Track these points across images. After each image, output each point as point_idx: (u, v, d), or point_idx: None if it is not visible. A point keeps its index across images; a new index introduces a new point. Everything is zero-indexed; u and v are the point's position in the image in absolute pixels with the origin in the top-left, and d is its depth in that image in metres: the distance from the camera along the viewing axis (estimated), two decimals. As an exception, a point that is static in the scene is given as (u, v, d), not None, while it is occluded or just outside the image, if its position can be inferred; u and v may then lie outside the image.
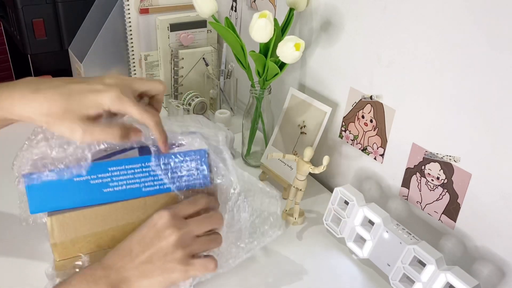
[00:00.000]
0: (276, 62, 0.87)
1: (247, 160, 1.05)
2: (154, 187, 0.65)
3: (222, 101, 1.20)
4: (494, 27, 0.62)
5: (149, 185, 0.65)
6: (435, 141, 0.75)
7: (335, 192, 0.80)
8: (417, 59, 0.74)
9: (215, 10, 0.90)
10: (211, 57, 1.24)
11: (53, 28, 1.37)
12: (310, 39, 0.97)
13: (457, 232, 0.75)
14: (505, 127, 0.64)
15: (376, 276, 0.77)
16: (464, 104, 0.69)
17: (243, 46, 0.90)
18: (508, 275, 0.69)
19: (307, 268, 0.78)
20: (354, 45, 0.86)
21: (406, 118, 0.79)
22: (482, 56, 0.65)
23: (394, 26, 0.77)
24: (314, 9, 0.93)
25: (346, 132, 0.93)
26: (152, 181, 0.65)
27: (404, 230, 0.72)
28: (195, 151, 0.66)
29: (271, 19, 0.83)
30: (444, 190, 0.75)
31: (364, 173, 0.91)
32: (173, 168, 0.65)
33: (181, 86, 1.24)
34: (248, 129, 1.01)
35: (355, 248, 0.79)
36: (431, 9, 0.70)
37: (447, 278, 0.64)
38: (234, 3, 1.21)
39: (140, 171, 0.64)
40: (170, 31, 1.20)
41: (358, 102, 0.88)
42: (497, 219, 0.69)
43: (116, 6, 1.19)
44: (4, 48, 2.16)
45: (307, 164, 0.82)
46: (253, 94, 0.96)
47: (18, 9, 1.30)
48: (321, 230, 0.86)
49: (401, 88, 0.79)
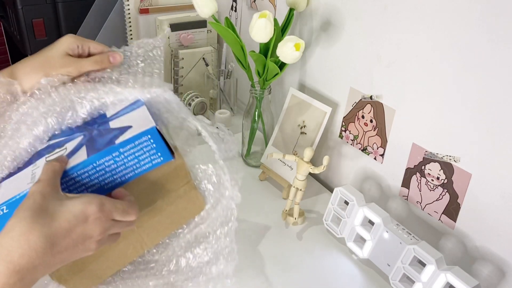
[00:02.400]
0: (276, 62, 0.87)
1: (247, 160, 1.05)
2: (115, 181, 0.61)
3: (222, 101, 1.20)
4: (494, 28, 0.62)
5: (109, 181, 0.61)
6: (435, 141, 0.75)
7: (335, 192, 0.80)
8: (417, 59, 0.74)
9: (215, 10, 0.90)
10: (211, 57, 1.24)
11: (53, 28, 1.37)
12: (310, 39, 0.97)
13: (457, 232, 0.75)
14: (505, 127, 0.64)
15: (376, 276, 0.77)
16: (464, 104, 0.69)
17: (243, 46, 0.90)
18: (508, 275, 0.69)
19: (307, 268, 0.78)
20: (354, 45, 0.86)
21: (406, 118, 0.79)
22: (482, 56, 0.65)
23: (394, 26, 0.77)
24: (314, 9, 0.93)
25: (346, 132, 0.93)
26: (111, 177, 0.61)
27: (404, 230, 0.72)
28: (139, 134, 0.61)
29: (271, 19, 0.83)
30: (444, 190, 0.75)
31: (364, 173, 0.91)
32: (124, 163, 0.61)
33: (181, 86, 1.24)
34: (248, 129, 1.01)
35: (355, 248, 0.79)
36: (431, 9, 0.70)
37: (447, 278, 0.64)
38: (234, 3, 1.21)
39: (94, 171, 0.60)
40: (170, 31, 1.20)
41: (358, 102, 0.88)
42: (497, 219, 0.69)
43: (116, 6, 1.19)
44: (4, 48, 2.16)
45: (307, 164, 0.82)
46: (253, 94, 0.96)
47: (18, 9, 1.30)
48: (321, 230, 0.86)
49: (401, 88, 0.79)
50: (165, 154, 0.62)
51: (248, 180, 1.00)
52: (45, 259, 0.49)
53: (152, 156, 0.62)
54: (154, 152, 0.62)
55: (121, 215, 0.55)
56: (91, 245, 0.53)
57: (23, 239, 0.47)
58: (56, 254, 0.50)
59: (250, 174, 1.02)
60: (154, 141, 0.61)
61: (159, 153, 0.62)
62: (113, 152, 0.59)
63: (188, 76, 1.23)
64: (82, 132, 0.64)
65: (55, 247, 0.49)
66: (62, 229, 0.50)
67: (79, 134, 0.64)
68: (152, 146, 0.61)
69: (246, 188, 0.97)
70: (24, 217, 0.48)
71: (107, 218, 0.53)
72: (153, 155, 0.62)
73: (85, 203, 0.52)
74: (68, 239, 0.50)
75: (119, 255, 0.66)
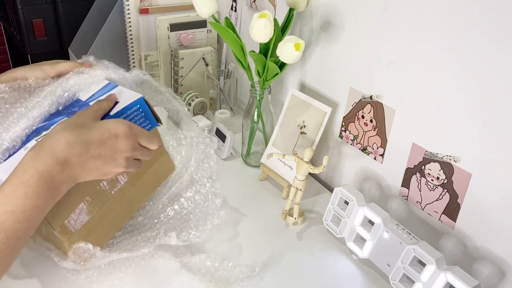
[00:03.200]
0: (276, 62, 0.87)
1: (247, 160, 1.05)
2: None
3: (222, 101, 1.20)
4: (494, 27, 0.62)
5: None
6: (435, 141, 0.75)
7: (335, 192, 0.80)
8: (417, 59, 0.74)
9: (215, 10, 0.90)
10: (211, 57, 1.24)
11: (53, 28, 1.37)
12: (310, 39, 0.97)
13: (457, 232, 0.75)
14: (505, 127, 0.64)
15: (376, 276, 0.77)
16: (464, 104, 0.69)
17: (243, 46, 0.90)
18: (508, 275, 0.69)
19: (307, 268, 0.78)
20: (354, 45, 0.86)
21: (406, 118, 0.79)
22: (482, 56, 0.65)
23: (394, 26, 0.77)
24: (314, 9, 0.93)
25: (346, 132, 0.93)
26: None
27: (404, 230, 0.72)
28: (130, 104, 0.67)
29: (271, 19, 0.83)
30: (444, 190, 0.75)
31: (364, 173, 0.91)
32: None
33: (181, 86, 1.24)
34: (248, 129, 1.01)
35: (355, 248, 0.79)
36: (431, 9, 0.70)
37: (447, 278, 0.64)
38: (234, 3, 1.21)
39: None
40: (170, 31, 1.20)
41: (358, 102, 0.88)
42: (497, 219, 0.69)
43: (116, 6, 1.19)
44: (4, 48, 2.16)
45: (307, 164, 0.82)
46: (253, 94, 0.96)
47: (18, 9, 1.30)
48: (321, 230, 0.86)
49: (401, 88, 0.79)
50: (152, 121, 0.70)
51: (248, 180, 1.00)
52: (81, 160, 0.58)
53: (142, 124, 0.69)
54: (143, 120, 0.69)
55: (146, 141, 0.64)
56: (120, 160, 0.62)
57: (64, 140, 0.58)
58: (90, 159, 0.59)
59: (250, 174, 1.02)
60: (143, 110, 0.68)
61: (147, 121, 0.69)
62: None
63: (188, 76, 1.24)
64: (64, 115, 0.68)
65: (89, 152, 0.59)
66: (96, 138, 0.59)
67: (62, 116, 0.68)
68: (141, 115, 0.68)
69: (246, 188, 0.98)
70: (67, 126, 0.59)
71: (134, 139, 0.62)
72: (142, 123, 0.69)
73: (117, 122, 0.62)
74: (101, 148, 0.60)
75: (117, 218, 0.75)
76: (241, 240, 0.82)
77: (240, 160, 1.06)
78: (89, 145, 0.59)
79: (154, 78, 1.28)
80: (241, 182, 0.99)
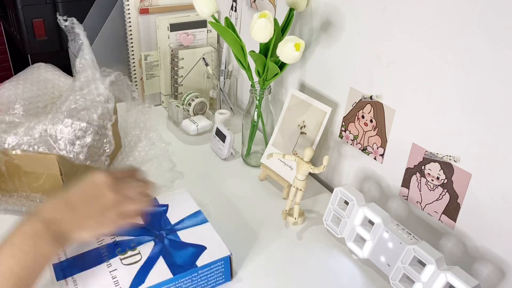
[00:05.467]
0: (276, 62, 0.87)
1: (247, 160, 1.05)
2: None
3: (222, 101, 1.20)
4: (494, 27, 0.62)
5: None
6: (435, 141, 0.75)
7: (335, 192, 0.80)
8: (417, 59, 0.74)
9: (215, 10, 0.90)
10: (211, 57, 1.24)
11: (53, 28, 1.37)
12: (310, 39, 0.97)
13: (457, 232, 0.75)
14: (505, 127, 0.64)
15: (376, 276, 0.77)
16: (464, 104, 0.69)
17: (243, 46, 0.90)
18: (508, 275, 0.69)
19: (307, 268, 0.78)
20: (354, 45, 0.86)
21: (406, 118, 0.79)
22: (482, 56, 0.64)
23: (394, 26, 0.77)
24: (314, 9, 0.93)
25: (346, 132, 0.93)
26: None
27: (404, 230, 0.72)
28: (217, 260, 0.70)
29: (271, 19, 0.83)
30: (444, 190, 0.75)
31: (364, 173, 0.91)
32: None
33: (181, 86, 1.24)
34: (248, 129, 1.01)
35: (355, 248, 0.79)
36: (431, 9, 0.70)
37: (447, 278, 0.64)
38: (234, 3, 1.21)
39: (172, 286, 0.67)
40: (170, 31, 1.20)
41: (358, 102, 0.88)
42: (497, 219, 0.69)
43: (116, 6, 1.19)
44: (4, 48, 2.16)
45: (307, 164, 0.82)
46: (253, 94, 0.96)
47: (18, 9, 1.30)
48: (321, 230, 0.86)
49: (401, 88, 0.79)
50: (228, 277, 0.72)
51: (248, 180, 1.00)
52: (64, 214, 0.61)
53: (217, 277, 0.71)
54: (221, 274, 0.71)
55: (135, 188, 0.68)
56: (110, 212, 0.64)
57: (49, 205, 0.62)
58: (74, 210, 0.62)
59: (250, 174, 1.02)
60: (225, 267, 0.71)
61: (223, 276, 0.71)
62: (194, 273, 0.68)
63: (188, 76, 1.23)
64: (151, 236, 0.72)
65: (69, 204, 0.62)
66: (74, 192, 0.64)
67: (149, 238, 0.72)
68: (222, 270, 0.71)
69: (246, 188, 0.98)
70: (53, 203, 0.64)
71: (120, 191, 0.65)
72: (218, 277, 0.71)
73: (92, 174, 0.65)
74: (85, 199, 0.63)
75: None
76: (241, 240, 0.82)
77: (240, 160, 1.06)
78: (67, 199, 0.63)
79: (154, 78, 1.29)
80: (241, 182, 0.99)
